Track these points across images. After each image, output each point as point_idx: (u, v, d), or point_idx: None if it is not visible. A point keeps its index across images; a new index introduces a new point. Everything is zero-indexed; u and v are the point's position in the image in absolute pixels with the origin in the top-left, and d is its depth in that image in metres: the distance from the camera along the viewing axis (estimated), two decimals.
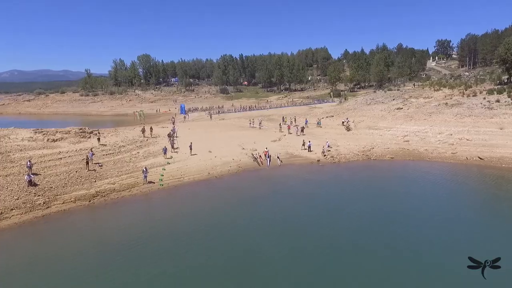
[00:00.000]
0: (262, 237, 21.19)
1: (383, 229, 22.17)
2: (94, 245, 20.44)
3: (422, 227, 22.31)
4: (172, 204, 27.45)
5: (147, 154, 37.91)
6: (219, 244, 20.26)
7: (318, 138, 50.00)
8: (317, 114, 72.91)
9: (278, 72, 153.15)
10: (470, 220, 23.95)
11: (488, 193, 30.24)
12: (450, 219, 23.66)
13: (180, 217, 24.66)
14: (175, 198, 28.66)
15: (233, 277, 17.03)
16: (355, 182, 33.09)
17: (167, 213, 25.41)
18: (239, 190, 30.33)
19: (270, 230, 22.22)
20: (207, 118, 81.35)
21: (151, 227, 22.75)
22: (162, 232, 22.04)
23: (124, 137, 42.42)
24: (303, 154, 42.60)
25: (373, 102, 77.95)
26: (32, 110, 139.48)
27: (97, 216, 25.61)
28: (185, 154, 39.45)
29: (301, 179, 33.92)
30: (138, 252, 19.32)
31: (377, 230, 21.97)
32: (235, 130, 55.60)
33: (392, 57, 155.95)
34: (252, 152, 41.48)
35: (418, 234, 21.41)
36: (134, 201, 27.56)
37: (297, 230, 22.25)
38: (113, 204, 26.82)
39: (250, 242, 20.54)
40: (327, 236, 21.17)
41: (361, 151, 43.91)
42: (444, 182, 33.28)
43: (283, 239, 20.88)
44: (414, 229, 22.30)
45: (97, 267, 18.01)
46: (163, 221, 23.91)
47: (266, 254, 18.98)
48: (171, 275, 17.14)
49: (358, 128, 56.09)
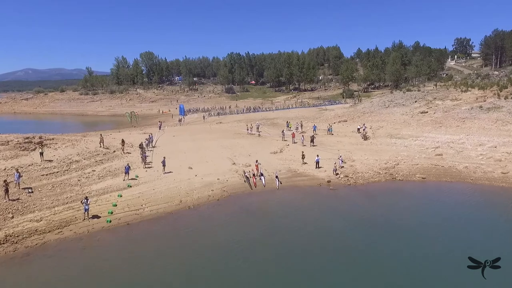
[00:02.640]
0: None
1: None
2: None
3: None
4: (111, 260, 18.42)
5: (106, 172, 29.40)
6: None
7: (329, 149, 40.95)
8: (328, 118, 63.70)
9: (287, 70, 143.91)
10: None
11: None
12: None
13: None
14: (118, 248, 19.56)
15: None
16: (379, 220, 23.75)
17: (94, 280, 16.57)
18: (214, 233, 21.43)
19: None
20: (206, 121, 72.93)
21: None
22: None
23: (83, 148, 33.95)
24: (309, 171, 33.64)
25: (392, 105, 68.37)
26: (28, 109, 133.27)
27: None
28: (157, 172, 30.86)
29: (304, 213, 24.90)
30: None
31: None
32: (229, 138, 46.80)
33: (409, 56, 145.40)
34: (244, 169, 32.69)
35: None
36: (55, 253, 18.62)
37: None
38: (22, 258, 18.21)
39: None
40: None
41: (383, 168, 34.73)
42: (503, 221, 23.91)
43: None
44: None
45: None
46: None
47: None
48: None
49: (377, 136, 46.81)
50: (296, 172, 33.43)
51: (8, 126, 75.30)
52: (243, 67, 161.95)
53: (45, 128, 75.13)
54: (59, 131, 59.16)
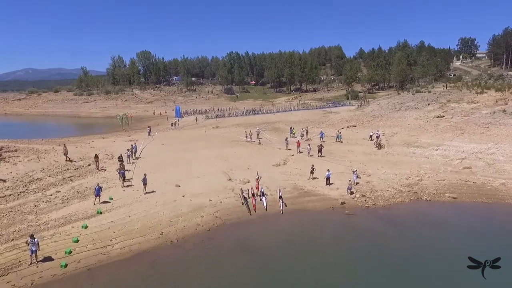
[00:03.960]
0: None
1: None
2: None
3: None
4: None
5: (73, 194, 24.24)
6: None
7: (339, 160, 35.82)
8: (334, 123, 58.48)
9: (288, 70, 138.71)
10: None
11: None
12: None
13: None
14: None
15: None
16: (412, 263, 18.58)
17: None
18: (201, 284, 16.34)
19: None
20: (202, 125, 67.77)
21: None
22: None
23: (51, 161, 28.77)
24: (318, 189, 28.48)
25: (403, 108, 63.17)
26: (20, 110, 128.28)
27: None
28: (137, 191, 25.69)
29: (316, 252, 19.67)
30: None
31: None
32: (225, 146, 41.51)
33: (414, 56, 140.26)
34: (241, 187, 27.54)
35: None
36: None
37: None
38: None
39: None
40: None
41: (405, 184, 29.56)
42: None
43: None
44: None
45: None
46: None
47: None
48: None
49: (392, 144, 41.62)
50: (303, 190, 28.26)
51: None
52: (242, 67, 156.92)
53: (29, 131, 70.11)
54: (41, 135, 54.08)
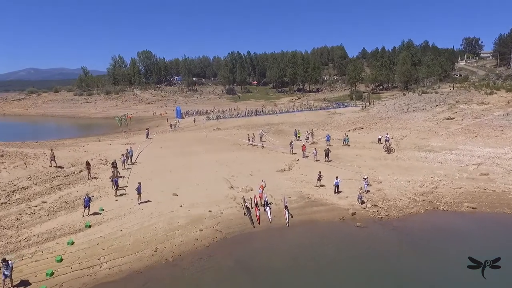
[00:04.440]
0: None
1: None
2: None
3: None
4: None
5: (61, 204, 22.28)
6: None
7: (347, 166, 33.78)
8: (339, 125, 56.40)
9: (291, 70, 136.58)
10: None
11: None
12: None
13: None
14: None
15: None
16: (434, 284, 16.62)
17: None
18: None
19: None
20: (202, 126, 65.84)
21: None
22: None
23: (39, 168, 26.78)
24: (326, 197, 26.46)
25: (411, 109, 61.13)
26: (19, 110, 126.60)
27: None
28: (131, 201, 23.72)
29: (326, 273, 17.71)
30: None
31: None
32: (226, 150, 39.47)
33: (418, 55, 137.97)
34: (244, 196, 25.55)
35: None
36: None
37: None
38: None
39: None
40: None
41: (419, 193, 27.51)
42: None
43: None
44: None
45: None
46: None
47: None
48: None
49: (402, 148, 39.54)
50: (311, 199, 26.23)
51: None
52: (244, 67, 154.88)
53: (24, 132, 68.15)
54: (36, 137, 52.32)
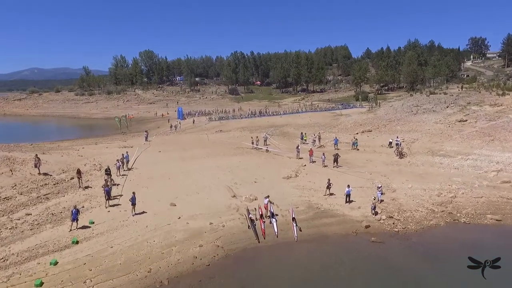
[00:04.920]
0: None
1: None
2: None
3: None
4: None
5: (46, 217, 20.32)
6: None
7: (358, 172, 31.70)
8: (347, 127, 54.26)
9: (295, 71, 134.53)
10: None
11: None
12: None
13: None
14: None
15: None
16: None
17: None
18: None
19: None
20: (204, 128, 63.89)
21: None
22: None
23: (26, 175, 24.90)
24: (337, 208, 24.41)
25: (420, 111, 58.92)
26: (19, 110, 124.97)
27: None
28: (125, 212, 21.75)
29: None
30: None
31: None
32: (229, 155, 37.40)
33: (425, 55, 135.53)
34: (247, 206, 23.55)
35: None
36: None
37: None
38: None
39: None
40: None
41: (436, 202, 25.41)
42: None
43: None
44: None
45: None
46: None
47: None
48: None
49: (415, 153, 37.40)
50: (320, 210, 24.18)
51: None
52: (247, 67, 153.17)
53: (21, 134, 66.26)
54: (32, 138, 50.68)
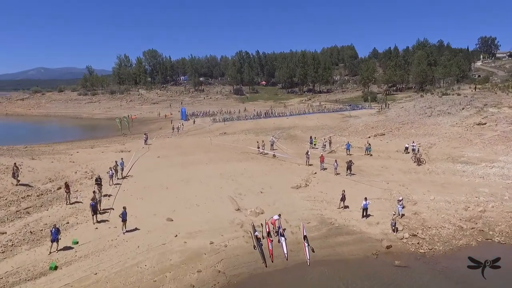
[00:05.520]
0: None
1: None
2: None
3: None
4: None
5: (24, 236, 17.82)
6: None
7: (373, 181, 29.01)
8: (357, 129, 51.48)
9: (301, 70, 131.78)
10: None
11: None
12: None
13: None
14: None
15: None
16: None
17: None
18: None
19: None
20: (208, 129, 61.43)
21: None
22: None
23: (7, 185, 22.49)
24: (352, 223, 21.79)
25: (434, 113, 56.02)
26: (21, 110, 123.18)
27: None
28: (114, 229, 19.27)
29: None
30: None
31: None
32: (233, 160, 34.75)
33: (434, 55, 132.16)
34: (253, 222, 21.00)
35: None
36: None
37: None
38: None
39: None
40: None
41: (464, 218, 22.68)
42: None
43: None
44: None
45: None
46: None
47: None
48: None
49: (433, 159, 34.62)
50: (334, 226, 21.57)
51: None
52: (253, 66, 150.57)
53: (19, 135, 64.05)
54: (29, 140, 48.70)
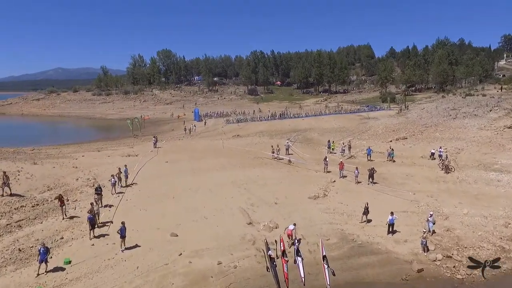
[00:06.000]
0: None
1: None
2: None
3: None
4: None
5: (12, 254, 16.04)
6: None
7: (398, 191, 26.46)
8: (377, 132, 48.73)
9: (316, 70, 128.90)
10: None
11: None
12: None
13: None
14: None
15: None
16: None
17: None
18: None
19: None
20: (221, 130, 59.59)
21: None
22: None
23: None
24: (377, 240, 19.41)
25: (459, 115, 52.90)
26: (36, 110, 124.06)
27: None
28: (113, 245, 17.39)
29: None
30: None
31: None
32: (245, 166, 32.52)
33: (455, 54, 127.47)
34: (265, 239, 18.83)
35: None
36: None
37: None
38: None
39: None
40: None
41: (505, 236, 19.94)
42: None
43: None
44: None
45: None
46: None
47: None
48: None
49: (463, 166, 31.78)
50: (357, 243, 19.23)
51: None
52: (267, 66, 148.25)
53: (30, 135, 63.38)
54: (39, 141, 48.03)
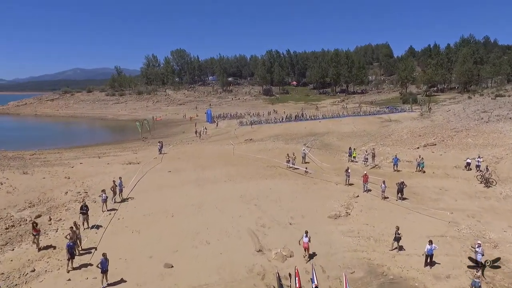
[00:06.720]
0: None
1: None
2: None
3: None
4: None
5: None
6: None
7: (431, 209, 22.80)
8: (401, 137, 44.76)
9: (333, 70, 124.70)
10: None
11: None
12: None
13: None
14: None
15: None
16: None
17: None
18: None
19: None
20: (234, 133, 56.61)
21: None
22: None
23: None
24: (412, 273, 15.88)
25: (491, 118, 48.42)
26: (50, 111, 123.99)
27: None
28: (93, 281, 14.45)
29: None
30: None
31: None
32: (257, 177, 29.10)
33: (480, 53, 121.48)
34: (277, 271, 15.52)
35: None
36: None
37: None
38: None
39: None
40: None
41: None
42: None
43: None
44: None
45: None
46: None
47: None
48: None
49: (505, 179, 27.74)
50: (388, 278, 15.72)
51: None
52: (283, 66, 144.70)
53: (38, 136, 61.84)
54: (44, 143, 46.10)
